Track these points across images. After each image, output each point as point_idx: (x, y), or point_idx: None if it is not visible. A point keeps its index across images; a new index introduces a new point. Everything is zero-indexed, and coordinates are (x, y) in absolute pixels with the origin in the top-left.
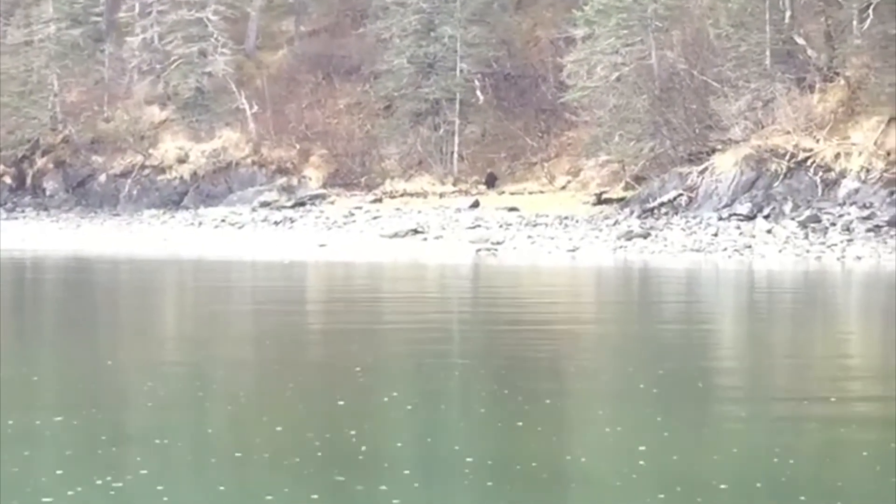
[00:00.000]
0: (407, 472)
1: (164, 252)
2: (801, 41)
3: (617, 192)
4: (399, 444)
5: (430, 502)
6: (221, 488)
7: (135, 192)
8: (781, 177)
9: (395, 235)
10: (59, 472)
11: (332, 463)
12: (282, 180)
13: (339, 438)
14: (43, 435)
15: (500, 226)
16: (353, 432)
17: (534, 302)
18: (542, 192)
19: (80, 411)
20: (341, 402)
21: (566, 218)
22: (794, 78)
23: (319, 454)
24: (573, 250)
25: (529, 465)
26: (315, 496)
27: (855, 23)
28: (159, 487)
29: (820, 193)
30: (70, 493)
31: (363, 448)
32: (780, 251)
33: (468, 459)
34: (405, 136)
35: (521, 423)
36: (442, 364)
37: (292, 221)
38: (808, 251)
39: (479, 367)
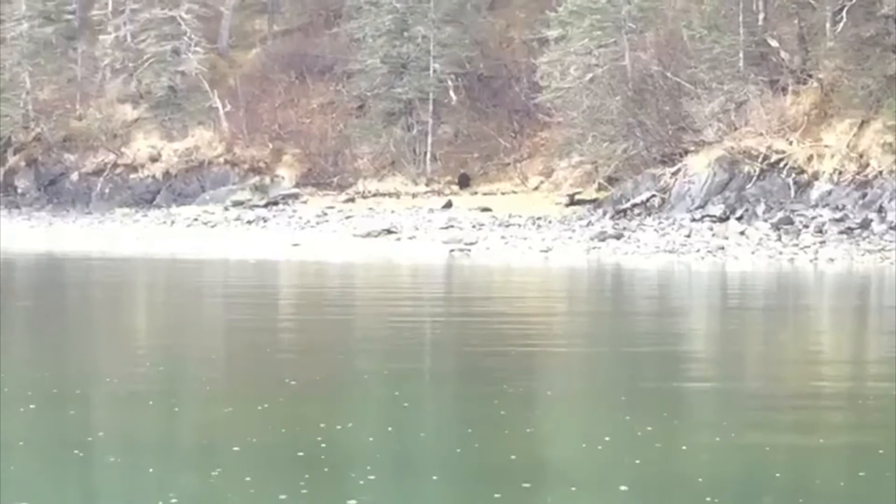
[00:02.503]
0: (379, 470)
1: (136, 251)
2: (774, 43)
3: (590, 192)
4: (370, 443)
5: (402, 500)
6: (190, 486)
7: (107, 191)
8: (754, 178)
9: (369, 235)
10: (25, 468)
11: (302, 462)
12: (254, 179)
13: (310, 437)
14: (10, 431)
15: (473, 226)
16: (323, 430)
17: (506, 302)
18: (514, 192)
19: (45, 410)
20: (312, 400)
21: (539, 218)
22: (767, 80)
23: (289, 453)
24: (546, 251)
25: (502, 463)
26: (283, 496)
27: (828, 25)
28: (127, 488)
29: (793, 195)
30: (35, 490)
31: (334, 446)
32: (752, 253)
33: (440, 457)
34: (378, 135)
35: (492, 422)
36: (413, 363)
37: (265, 221)
38: (780, 253)
39: (451, 366)
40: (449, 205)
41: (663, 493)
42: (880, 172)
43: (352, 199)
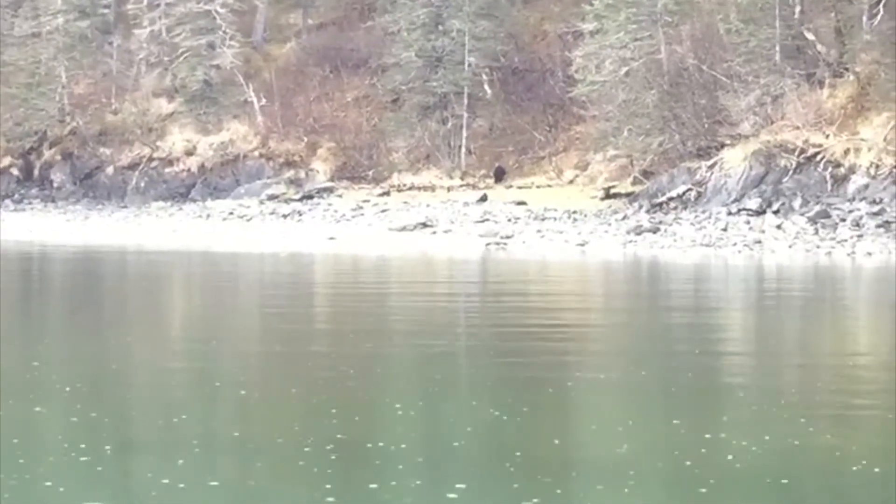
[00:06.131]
0: (410, 463)
1: (172, 245)
2: (810, 37)
3: (625, 186)
4: (402, 436)
5: (433, 494)
6: (226, 486)
7: (142, 185)
8: (791, 172)
9: (404, 229)
10: (61, 465)
11: (334, 455)
12: (289, 173)
13: (343, 431)
14: (46, 426)
15: (509, 220)
16: (356, 424)
17: (543, 296)
18: (549, 186)
19: (83, 403)
20: (345, 394)
21: (575, 212)
22: (803, 73)
23: (321, 446)
24: (582, 244)
25: (534, 458)
26: (318, 490)
27: (865, 18)
28: (164, 481)
29: (829, 189)
30: (74, 489)
31: (366, 440)
32: (790, 246)
33: (474, 451)
34: (413, 129)
35: (526, 415)
36: (449, 359)
37: (300, 214)
38: (818, 247)
39: (488, 362)
40: (484, 198)
41: (698, 486)
42: None
43: (387, 193)
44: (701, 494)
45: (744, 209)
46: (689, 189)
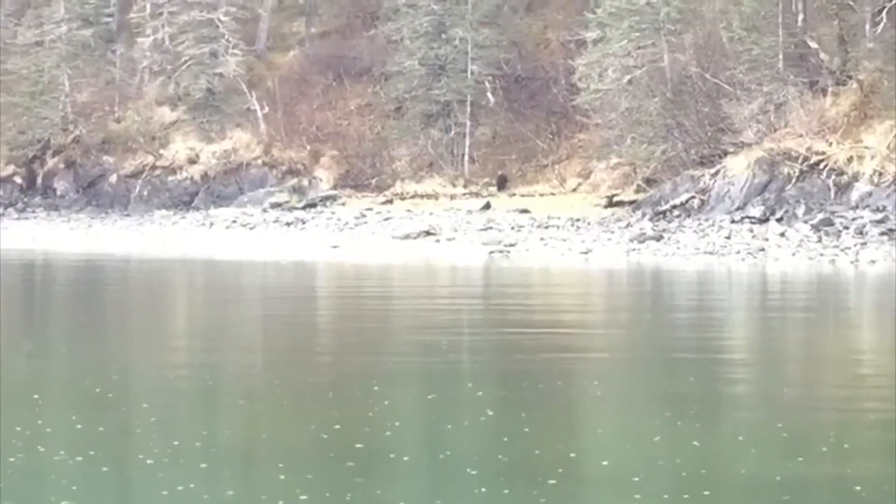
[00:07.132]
0: (415, 474)
1: (175, 252)
2: (813, 45)
3: (628, 194)
4: (407, 446)
5: (437, 499)
6: (229, 492)
7: (145, 193)
8: (794, 180)
9: (408, 237)
10: (65, 468)
11: (338, 466)
12: (293, 181)
13: (347, 441)
14: (48, 432)
15: (512, 227)
16: (360, 434)
17: (547, 303)
18: (552, 194)
19: (88, 410)
20: (349, 404)
21: (578, 220)
22: (806, 81)
23: (326, 456)
24: (586, 252)
25: (539, 465)
26: (321, 499)
27: (868, 26)
28: (167, 483)
29: (832, 197)
30: (77, 491)
31: (369, 446)
32: (793, 254)
33: (477, 460)
34: (416, 137)
35: (529, 420)
36: (451, 364)
37: (304, 222)
38: (821, 254)
39: (490, 368)
40: (487, 206)
41: (705, 495)
42: None
43: (390, 201)
44: (704, 499)
45: (747, 217)
46: (693, 197)
